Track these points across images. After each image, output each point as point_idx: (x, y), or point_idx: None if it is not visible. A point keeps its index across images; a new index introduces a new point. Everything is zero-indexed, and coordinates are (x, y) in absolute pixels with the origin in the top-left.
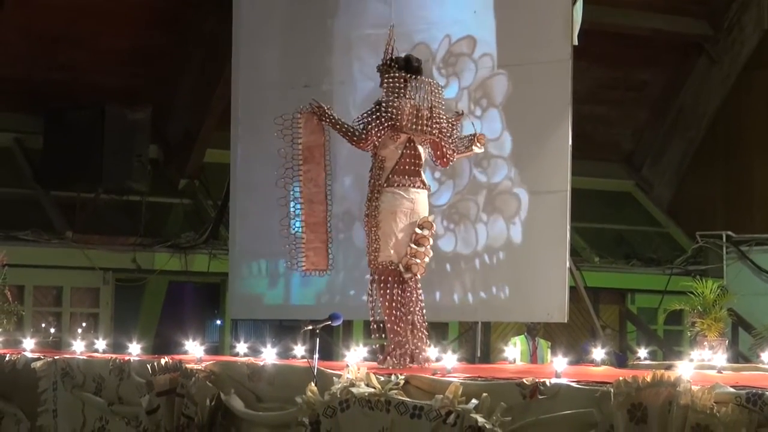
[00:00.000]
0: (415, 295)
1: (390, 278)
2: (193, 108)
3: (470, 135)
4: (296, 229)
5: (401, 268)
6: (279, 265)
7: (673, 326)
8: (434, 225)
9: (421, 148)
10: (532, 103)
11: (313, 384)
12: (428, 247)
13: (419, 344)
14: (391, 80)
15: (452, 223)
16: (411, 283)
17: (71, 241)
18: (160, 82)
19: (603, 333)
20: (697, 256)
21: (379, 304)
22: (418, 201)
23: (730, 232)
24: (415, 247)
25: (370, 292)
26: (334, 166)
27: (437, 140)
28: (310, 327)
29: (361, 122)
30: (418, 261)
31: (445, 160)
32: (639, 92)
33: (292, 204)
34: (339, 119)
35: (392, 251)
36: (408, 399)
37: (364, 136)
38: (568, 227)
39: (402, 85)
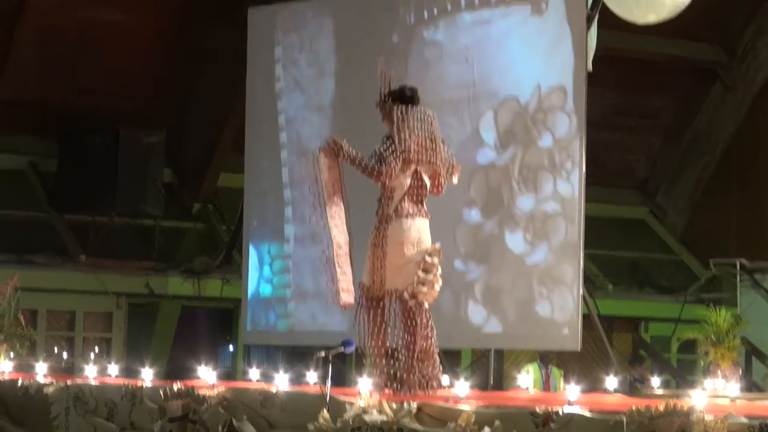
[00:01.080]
0: (424, 323)
1: (384, 303)
2: (208, 132)
3: (450, 165)
4: (331, 266)
5: (406, 296)
6: (291, 290)
7: (687, 355)
8: (441, 253)
9: (426, 178)
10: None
11: (325, 411)
12: (437, 274)
13: (432, 371)
14: (398, 114)
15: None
16: (418, 310)
17: (84, 265)
18: (175, 106)
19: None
20: (711, 284)
21: (377, 331)
22: (423, 230)
23: (744, 260)
24: (423, 274)
25: (366, 319)
26: None
27: (438, 170)
28: (323, 353)
29: (375, 157)
30: (425, 289)
31: (439, 188)
32: (653, 119)
33: (325, 241)
34: (357, 155)
35: (400, 280)
36: (420, 426)
37: (384, 170)
38: (582, 254)
39: (405, 117)
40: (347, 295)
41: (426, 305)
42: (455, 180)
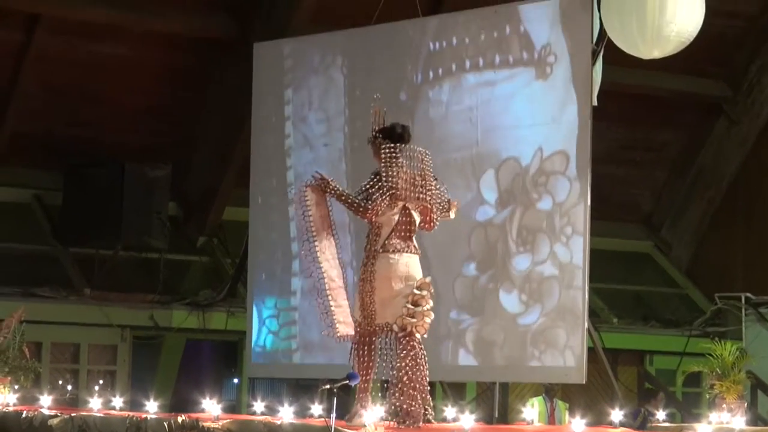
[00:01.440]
0: (415, 354)
1: (373, 340)
2: (213, 166)
3: (444, 201)
4: (323, 298)
5: (395, 327)
6: (296, 323)
7: (692, 388)
8: (431, 286)
9: (415, 214)
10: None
11: None
12: (427, 308)
13: (422, 404)
14: (385, 151)
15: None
16: (407, 343)
17: (89, 298)
18: (180, 140)
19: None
20: (716, 317)
21: (371, 365)
22: (412, 265)
23: (749, 294)
24: (412, 307)
25: (360, 354)
26: None
27: (429, 206)
28: (328, 386)
29: (362, 194)
30: (415, 320)
31: (431, 224)
32: (658, 153)
33: (315, 275)
34: (343, 191)
35: (389, 314)
36: None
37: (370, 207)
38: (587, 288)
39: (395, 155)
40: (344, 327)
41: (418, 337)
42: (452, 215)
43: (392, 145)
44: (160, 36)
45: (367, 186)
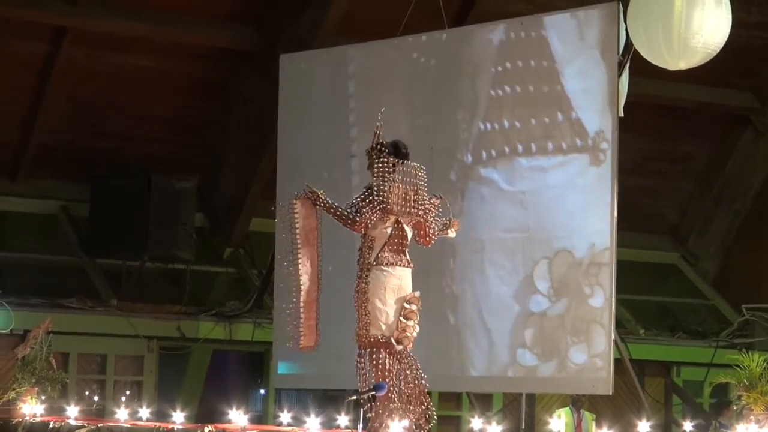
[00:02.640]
0: (412, 366)
1: (382, 351)
2: (239, 177)
3: (446, 219)
4: (295, 311)
5: (393, 341)
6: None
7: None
8: (419, 301)
9: (407, 229)
10: (577, 173)
11: None
12: (415, 321)
13: (424, 413)
14: (380, 165)
15: None
16: (403, 356)
17: (116, 309)
18: (206, 151)
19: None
20: (743, 328)
21: (370, 376)
22: (404, 278)
23: None
24: (405, 321)
25: (360, 366)
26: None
27: (422, 221)
28: (354, 397)
29: (354, 207)
30: (408, 335)
31: (428, 239)
32: (684, 164)
33: (294, 286)
34: (333, 204)
35: (383, 326)
36: None
37: (358, 219)
38: (614, 299)
39: (391, 170)
40: (305, 339)
41: (409, 351)
42: (452, 234)
43: (387, 160)
44: (185, 48)
45: (359, 199)
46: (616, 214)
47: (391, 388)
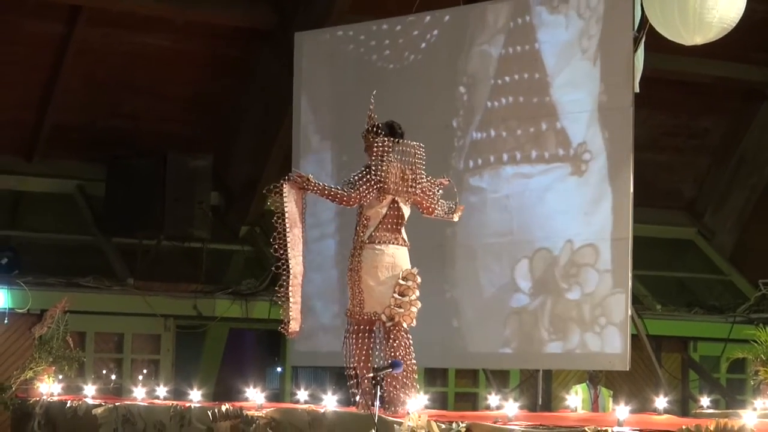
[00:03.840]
0: (404, 344)
1: (371, 328)
2: (254, 155)
3: (451, 204)
4: (286, 293)
5: (383, 317)
6: (339, 311)
7: (736, 374)
8: (418, 277)
9: (404, 207)
10: (594, 150)
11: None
12: (413, 297)
13: (407, 391)
14: (377, 145)
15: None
16: (396, 332)
17: (132, 288)
18: (222, 130)
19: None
20: (760, 303)
21: (353, 353)
22: (398, 256)
23: None
24: (399, 297)
25: (347, 341)
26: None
27: (419, 198)
28: (371, 374)
29: (350, 184)
30: (402, 310)
31: (430, 210)
32: (701, 139)
33: (283, 270)
34: (324, 185)
35: (376, 303)
36: None
37: (354, 195)
38: (630, 275)
39: (387, 150)
40: (294, 324)
41: (405, 326)
42: (456, 218)
43: (385, 140)
44: (201, 26)
45: (356, 177)
46: (632, 189)
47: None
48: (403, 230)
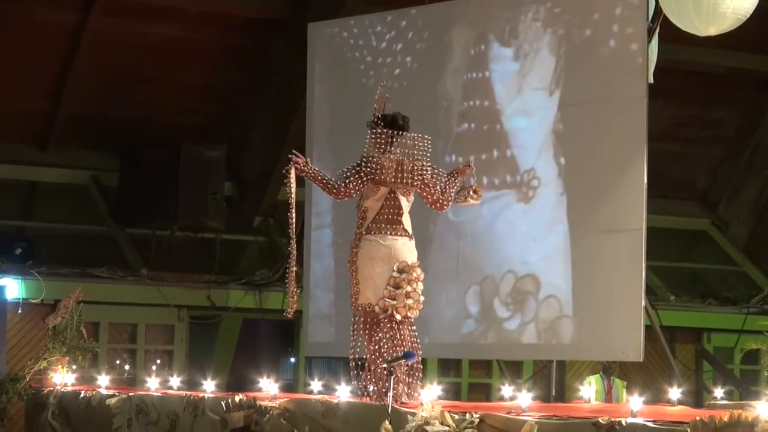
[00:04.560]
0: (405, 335)
1: (369, 319)
2: (268, 145)
3: (469, 186)
4: (290, 275)
5: (377, 309)
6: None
7: (750, 366)
8: (416, 269)
9: (403, 199)
10: (607, 141)
11: (387, 422)
12: (409, 289)
13: (409, 382)
14: (375, 136)
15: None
16: (396, 324)
17: (146, 278)
18: (236, 120)
19: None
20: None
21: (359, 343)
22: (396, 247)
23: None
24: (393, 289)
25: (352, 332)
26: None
27: (420, 190)
28: (385, 365)
29: (342, 175)
30: (395, 302)
31: (438, 204)
32: (714, 130)
33: (290, 253)
34: (319, 172)
35: (371, 294)
36: None
37: (342, 188)
38: (644, 266)
39: (386, 141)
40: (294, 306)
41: (398, 318)
42: (472, 201)
43: (384, 132)
44: (214, 16)
45: (347, 170)
46: (646, 179)
47: (377, 355)
48: (404, 221)
